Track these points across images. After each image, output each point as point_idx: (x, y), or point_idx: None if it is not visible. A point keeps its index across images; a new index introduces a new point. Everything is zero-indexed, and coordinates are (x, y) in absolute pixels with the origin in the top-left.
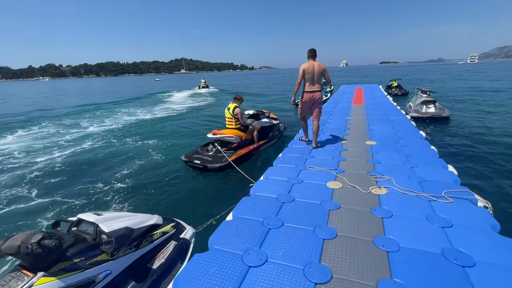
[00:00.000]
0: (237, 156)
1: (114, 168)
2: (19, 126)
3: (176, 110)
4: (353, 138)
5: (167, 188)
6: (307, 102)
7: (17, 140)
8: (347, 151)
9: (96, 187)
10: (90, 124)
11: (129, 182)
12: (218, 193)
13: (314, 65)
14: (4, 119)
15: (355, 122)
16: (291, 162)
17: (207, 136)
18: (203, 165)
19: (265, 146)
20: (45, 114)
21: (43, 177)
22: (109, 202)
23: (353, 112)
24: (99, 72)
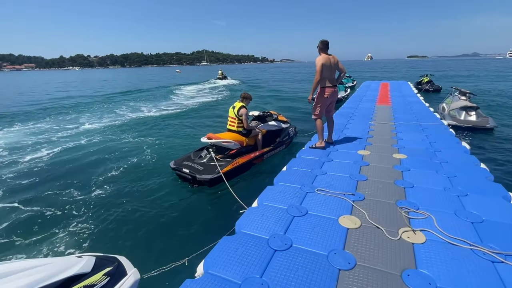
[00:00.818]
0: (234, 166)
1: (98, 170)
2: (18, 119)
3: (185, 105)
4: (377, 149)
5: (146, 202)
6: (328, 98)
7: (7, 135)
8: (369, 166)
9: (67, 194)
10: (90, 119)
11: (107, 190)
12: (204, 216)
13: (329, 58)
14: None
15: (380, 128)
16: (295, 181)
17: (201, 140)
18: (192, 175)
19: (271, 153)
20: (54, 105)
21: (15, 178)
22: (73, 219)
23: (378, 114)
24: (124, 62)
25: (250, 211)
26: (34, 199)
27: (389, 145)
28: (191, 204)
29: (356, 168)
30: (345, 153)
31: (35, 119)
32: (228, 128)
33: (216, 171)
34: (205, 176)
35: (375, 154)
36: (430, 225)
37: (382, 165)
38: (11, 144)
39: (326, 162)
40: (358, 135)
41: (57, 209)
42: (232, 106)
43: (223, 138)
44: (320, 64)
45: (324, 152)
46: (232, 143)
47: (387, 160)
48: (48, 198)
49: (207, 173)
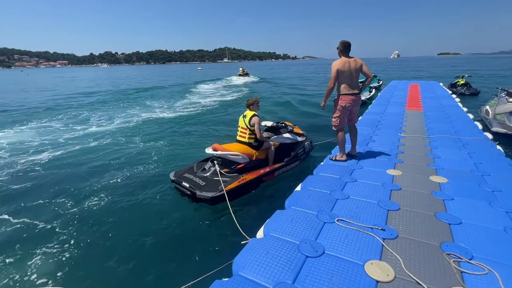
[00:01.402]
0: (240, 183)
1: (97, 178)
2: (27, 118)
3: (201, 105)
4: (409, 168)
5: (140, 219)
6: (347, 107)
7: (11, 135)
8: (401, 191)
9: (58, 205)
10: (102, 119)
11: (101, 202)
12: (201, 243)
13: (349, 62)
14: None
15: (412, 142)
16: (311, 205)
17: (206, 151)
18: (192, 191)
19: (283, 170)
20: (71, 102)
21: (6, 182)
22: (57, 237)
23: (408, 122)
24: (149, 59)
25: (252, 244)
26: (21, 209)
27: (424, 164)
28: (189, 225)
29: (386, 193)
30: (372, 172)
31: (49, 117)
32: (238, 139)
33: (219, 188)
34: (206, 194)
35: (408, 175)
36: (494, 286)
37: (418, 190)
38: (15, 145)
39: (348, 182)
40: (386, 149)
41: (43, 223)
42: (243, 115)
43: (230, 150)
44: (335, 70)
45: (346, 169)
46: (240, 156)
47: (423, 184)
48: (36, 208)
49: (209, 190)
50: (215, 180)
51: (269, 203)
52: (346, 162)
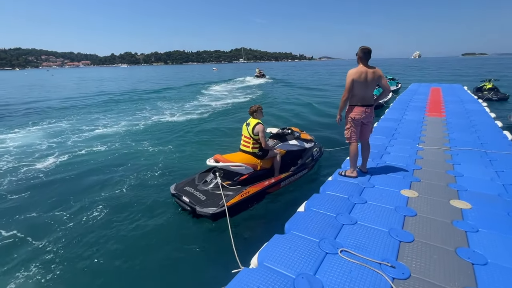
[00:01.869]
0: (243, 197)
1: (100, 186)
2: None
3: (212, 108)
4: (427, 188)
5: (137, 236)
6: (357, 119)
7: (20, 136)
8: (416, 218)
9: (54, 218)
10: (112, 120)
11: (99, 214)
12: (197, 265)
13: (367, 72)
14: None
15: (431, 156)
16: (313, 230)
17: (207, 163)
18: (191, 206)
19: (289, 180)
20: (85, 103)
21: (6, 190)
22: (44, 256)
23: (428, 131)
24: (167, 60)
25: (242, 276)
26: (15, 221)
27: (444, 184)
28: (185, 243)
29: (399, 220)
30: (384, 193)
31: (61, 117)
32: (242, 148)
33: (221, 203)
34: (207, 210)
35: (425, 197)
36: None
37: (436, 217)
38: (21, 148)
39: (357, 204)
40: (402, 164)
41: (35, 238)
42: (246, 123)
43: (233, 161)
44: (351, 79)
45: (356, 187)
46: (243, 167)
47: (442, 210)
48: (31, 220)
49: (210, 205)
50: (217, 194)
51: (273, 219)
52: (357, 179)
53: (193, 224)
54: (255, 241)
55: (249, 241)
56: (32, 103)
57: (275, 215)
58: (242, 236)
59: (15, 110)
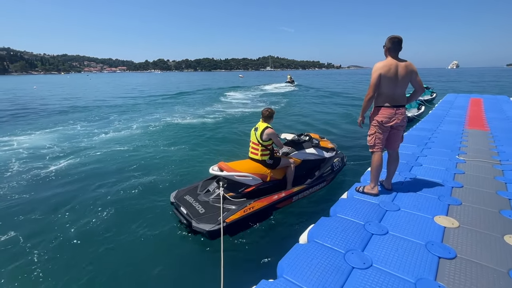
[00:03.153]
0: (246, 212)
1: (102, 190)
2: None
3: (228, 113)
4: (471, 215)
5: (129, 249)
6: (385, 123)
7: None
8: (454, 261)
9: (52, 223)
10: (130, 122)
11: (97, 220)
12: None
13: (398, 66)
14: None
15: (476, 171)
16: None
17: (210, 171)
18: (188, 220)
19: (303, 194)
20: (107, 104)
21: (8, 192)
22: (35, 259)
23: (470, 142)
24: (197, 66)
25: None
26: (12, 224)
27: (495, 211)
28: (176, 266)
29: (430, 265)
30: (412, 219)
31: (79, 119)
32: (250, 156)
33: (219, 219)
34: (203, 226)
35: (469, 229)
36: None
37: (486, 263)
38: (32, 149)
39: (375, 235)
40: (438, 180)
41: (27, 239)
42: (254, 128)
43: (238, 171)
44: (377, 74)
45: (376, 209)
46: (250, 178)
47: (493, 252)
48: (28, 223)
49: (207, 221)
50: (217, 207)
51: (274, 245)
52: (378, 198)
53: (188, 242)
54: (252, 271)
55: (245, 270)
56: (55, 104)
57: (281, 234)
58: (237, 263)
59: (44, 109)
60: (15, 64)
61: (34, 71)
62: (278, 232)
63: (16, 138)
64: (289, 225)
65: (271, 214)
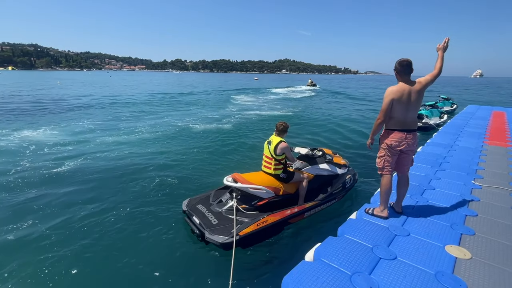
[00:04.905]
0: (259, 226)
1: (108, 194)
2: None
3: (241, 119)
4: (485, 248)
5: (137, 253)
6: (394, 147)
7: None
8: None
9: (53, 226)
10: (142, 122)
11: (105, 224)
12: None
13: (410, 91)
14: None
15: (492, 198)
16: None
17: (224, 182)
18: (201, 230)
19: (315, 210)
20: (128, 100)
21: (18, 187)
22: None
23: (488, 163)
24: (213, 68)
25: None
26: (17, 221)
27: (511, 244)
28: (186, 274)
29: None
30: (422, 246)
31: (88, 117)
32: (263, 169)
33: (232, 232)
34: (216, 238)
35: (482, 262)
36: None
37: None
38: (39, 145)
39: (383, 259)
40: (451, 205)
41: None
42: (267, 142)
43: (253, 183)
44: (389, 99)
45: (385, 232)
46: (264, 191)
47: (507, 285)
48: (25, 227)
49: (221, 232)
50: (230, 219)
51: (282, 261)
52: (387, 221)
53: (196, 251)
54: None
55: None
56: (72, 99)
57: (292, 250)
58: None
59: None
60: (41, 60)
61: (58, 67)
62: (285, 246)
63: (44, 132)
64: (296, 241)
65: (283, 228)
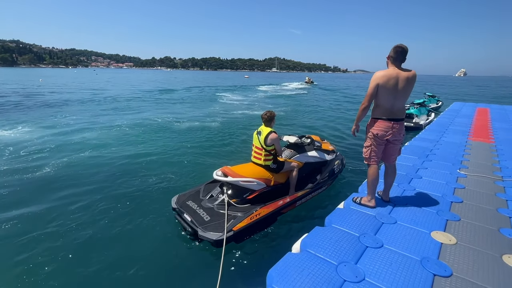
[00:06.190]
0: (253, 220)
1: (97, 190)
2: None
3: (229, 115)
4: (470, 232)
5: (125, 252)
6: (380, 137)
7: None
8: (450, 280)
9: (39, 228)
10: (123, 121)
11: (88, 226)
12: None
13: (398, 77)
14: None
15: (477, 186)
16: (309, 281)
17: (214, 176)
18: (193, 228)
19: (306, 198)
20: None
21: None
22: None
23: (473, 155)
24: (203, 65)
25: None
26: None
27: (495, 228)
28: (172, 271)
29: (425, 281)
30: (409, 233)
31: (70, 114)
32: (253, 161)
33: (226, 228)
34: (210, 236)
35: (466, 246)
36: None
37: (480, 282)
38: (16, 145)
39: (370, 248)
40: (437, 193)
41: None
42: (257, 132)
43: (243, 176)
44: (375, 84)
45: (372, 221)
46: (255, 183)
47: (492, 271)
48: (16, 219)
49: (214, 229)
50: (222, 214)
51: (273, 248)
52: (375, 210)
53: (190, 248)
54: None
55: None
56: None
57: (265, 251)
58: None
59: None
60: (23, 57)
61: (42, 64)
62: (274, 238)
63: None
64: (284, 232)
65: (276, 220)
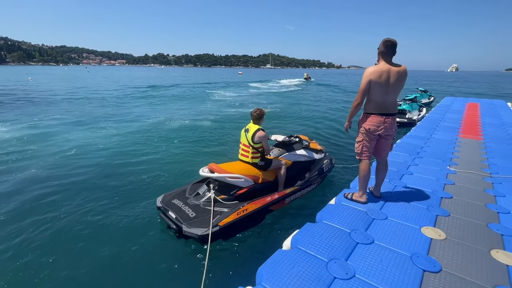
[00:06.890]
0: (240, 215)
1: (80, 190)
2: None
3: (219, 112)
4: (459, 227)
5: (118, 248)
6: (372, 131)
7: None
8: (440, 275)
9: (18, 232)
10: (111, 120)
11: (72, 226)
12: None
13: (390, 72)
14: None
15: (466, 182)
16: (299, 279)
17: (200, 173)
18: (178, 224)
19: (295, 196)
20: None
21: None
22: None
23: (462, 153)
24: (196, 62)
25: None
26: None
27: (483, 224)
28: (160, 271)
29: (415, 277)
30: (399, 229)
31: (59, 114)
32: (240, 158)
33: (212, 222)
34: (195, 231)
35: (456, 242)
36: None
37: (471, 278)
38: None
39: (361, 244)
40: (427, 189)
41: None
42: (245, 129)
43: (230, 172)
44: (367, 80)
45: (364, 217)
46: (242, 179)
47: (480, 266)
48: None
49: (199, 225)
50: (209, 211)
51: (264, 245)
52: (366, 206)
53: (176, 245)
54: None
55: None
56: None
57: (255, 248)
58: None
59: None
60: (12, 54)
61: (32, 61)
62: (264, 235)
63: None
64: (276, 229)
65: (264, 217)
